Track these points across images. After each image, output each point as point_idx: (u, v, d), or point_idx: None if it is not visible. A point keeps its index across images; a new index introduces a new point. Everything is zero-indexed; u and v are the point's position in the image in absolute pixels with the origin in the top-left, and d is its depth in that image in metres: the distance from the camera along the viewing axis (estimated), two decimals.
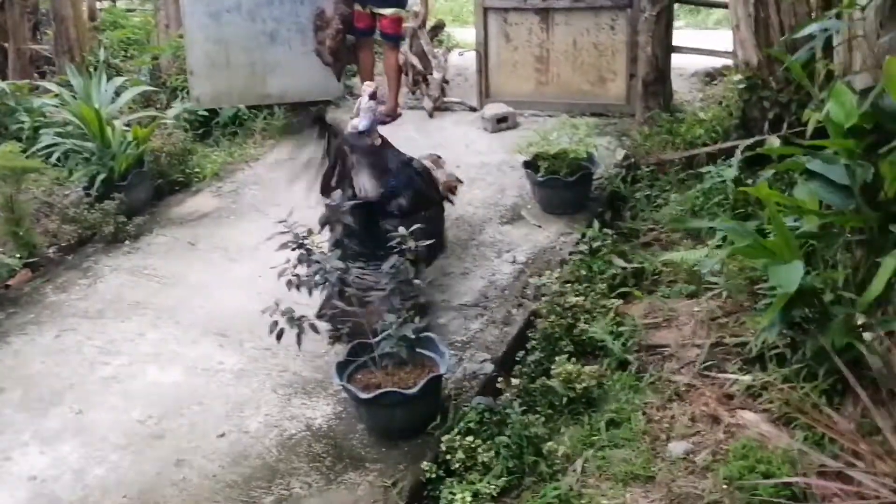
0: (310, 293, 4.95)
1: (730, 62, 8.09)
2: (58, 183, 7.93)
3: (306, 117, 6.28)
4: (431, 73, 9.73)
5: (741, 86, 7.18)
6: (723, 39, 8.88)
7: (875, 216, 4.14)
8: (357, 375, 4.84)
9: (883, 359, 3.89)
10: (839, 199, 4.21)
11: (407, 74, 9.81)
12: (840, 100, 4.19)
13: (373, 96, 5.86)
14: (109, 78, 9.24)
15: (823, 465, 3.69)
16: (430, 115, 9.69)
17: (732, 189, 6.34)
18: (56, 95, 9.05)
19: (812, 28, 4.83)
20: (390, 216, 5.58)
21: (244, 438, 4.85)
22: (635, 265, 6.07)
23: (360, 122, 5.79)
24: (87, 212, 7.45)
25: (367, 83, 5.98)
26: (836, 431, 3.61)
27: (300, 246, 4.85)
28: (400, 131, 9.27)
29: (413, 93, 10.08)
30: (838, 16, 4.69)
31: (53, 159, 8.18)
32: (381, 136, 5.96)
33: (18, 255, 6.91)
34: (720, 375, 4.77)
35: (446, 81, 9.97)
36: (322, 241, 5.33)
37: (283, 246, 4.86)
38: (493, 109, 9.19)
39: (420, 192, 5.85)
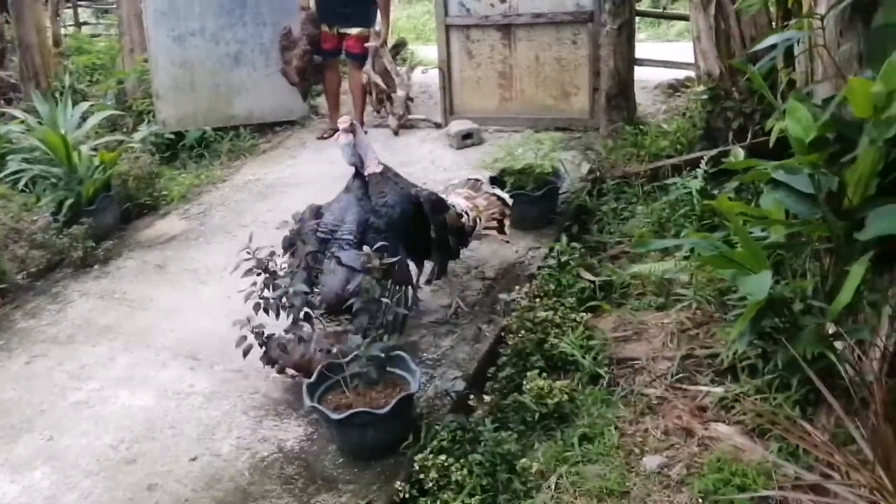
0: (277, 316, 4.93)
1: (692, 74, 8.11)
2: (25, 209, 7.80)
3: None
4: (395, 92, 9.69)
5: (704, 97, 7.19)
6: (685, 51, 8.89)
7: (841, 225, 4.10)
8: (328, 396, 4.78)
9: (854, 367, 3.84)
10: (805, 209, 4.18)
11: (371, 93, 9.76)
12: (796, 115, 4.17)
13: (351, 129, 5.58)
14: (75, 103, 9.22)
15: (799, 477, 3.63)
16: (396, 133, 9.66)
17: (698, 200, 6.32)
18: (22, 122, 9.00)
19: (773, 39, 4.79)
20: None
21: (216, 462, 4.77)
22: (604, 278, 6.02)
23: (346, 159, 5.62)
24: (55, 237, 7.37)
25: (341, 119, 5.71)
26: (811, 443, 3.54)
27: (265, 270, 4.79)
28: None
29: (378, 111, 10.04)
30: (799, 26, 4.66)
31: (21, 185, 8.09)
32: (382, 166, 5.73)
33: None
34: (692, 388, 4.71)
35: (410, 99, 9.95)
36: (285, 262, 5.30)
37: (248, 273, 4.80)
38: (458, 126, 9.16)
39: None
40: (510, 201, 6.41)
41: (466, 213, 6.06)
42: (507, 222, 6.32)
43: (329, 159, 9.01)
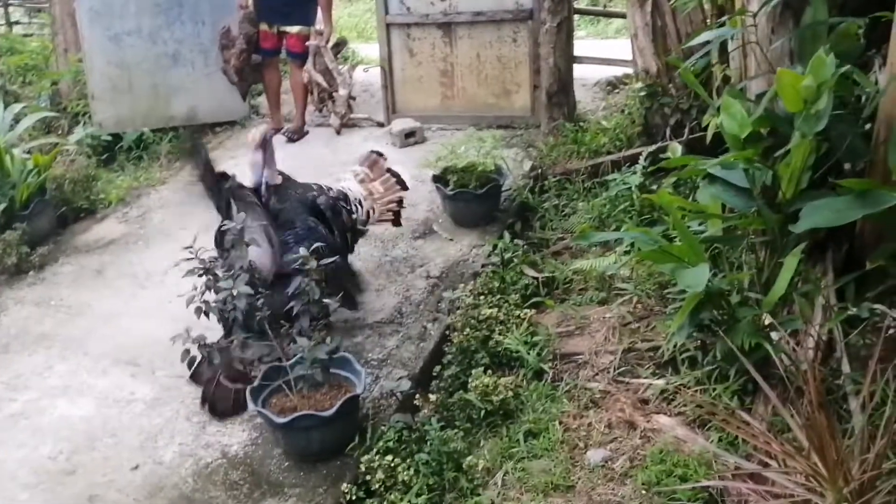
0: (219, 320, 4.94)
1: (630, 71, 8.22)
2: None
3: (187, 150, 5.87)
4: (337, 90, 9.69)
5: (642, 93, 7.30)
6: (623, 48, 8.99)
7: (775, 218, 4.23)
8: (272, 399, 4.80)
9: (790, 357, 3.97)
10: (741, 202, 4.30)
11: (312, 92, 9.77)
12: (730, 111, 4.29)
13: (262, 145, 5.51)
14: (7, 105, 9.05)
15: (738, 466, 3.74)
16: (338, 132, 9.65)
17: (638, 196, 6.43)
18: None
19: (707, 35, 4.93)
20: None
21: (159, 470, 4.78)
22: (546, 274, 6.11)
23: (252, 178, 5.56)
24: None
25: (253, 131, 5.59)
26: (749, 432, 3.65)
27: (206, 272, 4.80)
28: (308, 149, 9.30)
29: (319, 110, 10.03)
30: (732, 23, 4.79)
31: None
32: (280, 174, 5.72)
33: None
34: (634, 381, 4.81)
35: (352, 98, 9.94)
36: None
37: (190, 272, 4.80)
38: (401, 125, 9.20)
39: (323, 243, 5.32)
40: (409, 183, 6.47)
41: (360, 203, 6.05)
42: (402, 211, 6.36)
43: None
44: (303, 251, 4.86)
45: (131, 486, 4.67)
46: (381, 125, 9.73)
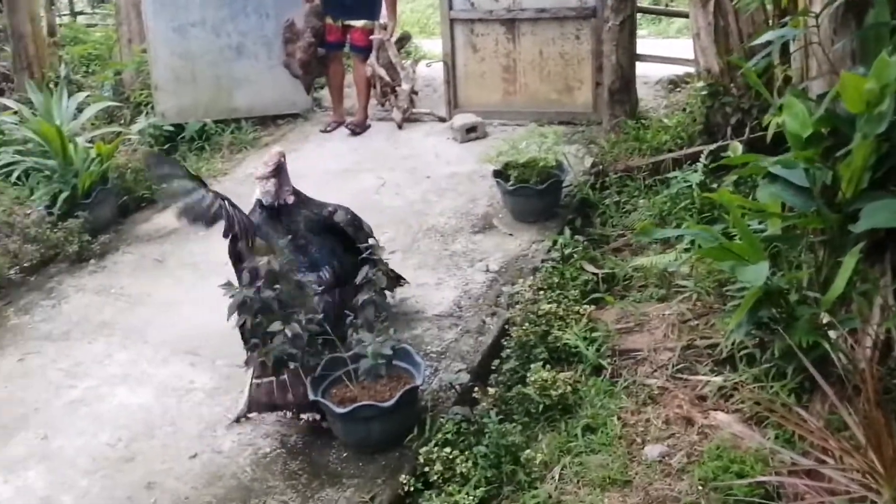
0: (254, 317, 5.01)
1: (692, 70, 8.23)
2: (18, 202, 7.84)
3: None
4: (400, 85, 9.80)
5: (703, 93, 7.30)
6: (685, 48, 9.05)
7: (835, 217, 4.26)
8: (332, 390, 4.89)
9: (847, 356, 4.02)
10: (800, 202, 4.33)
11: (375, 86, 9.90)
12: (792, 111, 4.32)
13: (276, 172, 5.45)
14: (71, 94, 9.23)
15: (795, 462, 3.78)
16: (400, 127, 9.77)
17: (698, 193, 6.46)
18: (15, 112, 9.01)
19: (769, 35, 4.96)
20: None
21: (217, 458, 4.88)
22: (606, 271, 6.17)
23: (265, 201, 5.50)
24: (49, 231, 7.42)
25: (266, 159, 5.54)
26: (806, 429, 3.70)
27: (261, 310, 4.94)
28: (369, 143, 9.41)
29: (382, 104, 10.15)
30: (794, 24, 4.82)
31: (13, 178, 8.16)
32: (295, 193, 5.60)
33: None
34: (692, 377, 4.86)
35: (415, 92, 10.03)
36: None
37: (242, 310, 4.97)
38: (462, 120, 9.29)
39: (344, 263, 5.49)
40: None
41: None
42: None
43: (332, 153, 9.19)
44: (372, 241, 4.93)
45: (189, 474, 4.78)
46: (442, 120, 9.82)
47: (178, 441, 5.06)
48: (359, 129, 9.72)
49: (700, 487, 4.06)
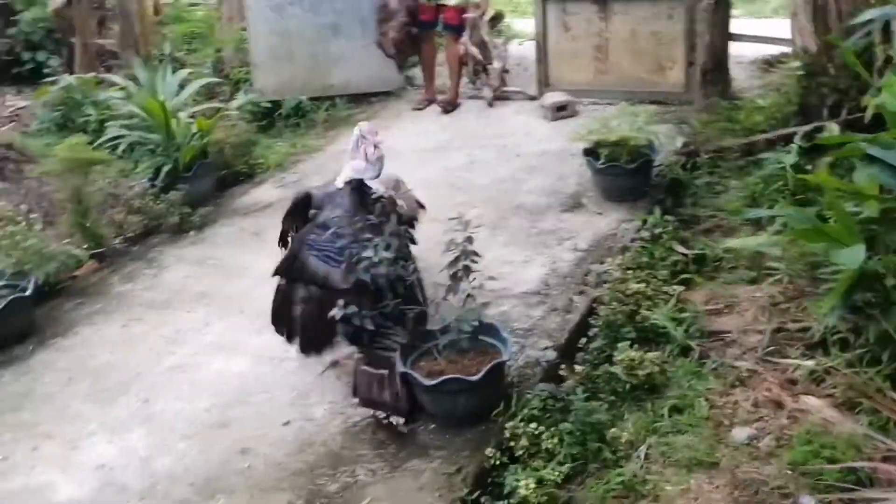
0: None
1: (788, 49, 8.05)
2: (123, 175, 7.94)
3: None
4: (491, 63, 9.77)
5: (800, 73, 7.15)
6: (780, 27, 8.81)
7: None
8: (420, 362, 4.86)
9: None
10: None
11: (467, 64, 9.85)
12: (893, 91, 4.17)
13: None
14: (174, 71, 9.33)
15: (890, 449, 3.68)
16: (490, 105, 9.74)
17: (792, 175, 6.29)
18: (122, 88, 9.11)
19: (869, 14, 4.80)
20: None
21: (309, 426, 4.90)
22: (696, 252, 6.06)
23: (365, 171, 5.33)
24: (152, 203, 7.52)
25: (367, 126, 5.43)
26: None
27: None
28: (460, 121, 9.41)
29: (473, 83, 10.12)
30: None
31: (119, 151, 8.23)
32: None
33: (85, 246, 6.97)
34: (782, 361, 4.75)
35: (506, 71, 10.00)
36: None
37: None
38: (553, 98, 9.21)
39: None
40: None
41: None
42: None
43: (423, 131, 9.20)
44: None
45: (282, 440, 4.80)
46: (532, 98, 9.75)
47: (272, 408, 5.09)
48: (450, 107, 9.73)
49: (789, 471, 3.96)
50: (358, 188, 5.31)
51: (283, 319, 5.29)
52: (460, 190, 7.56)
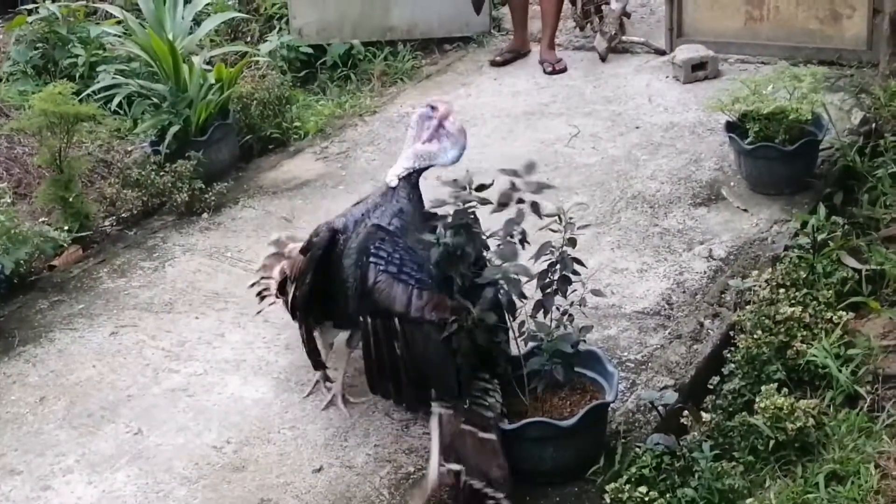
0: None
1: None
2: (118, 136, 8.06)
3: None
4: (608, 3, 9.72)
5: None
6: None
7: None
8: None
9: None
10: None
11: (574, 4, 9.82)
12: None
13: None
14: (187, 2, 9.26)
15: None
16: (603, 59, 9.69)
17: None
18: (119, 22, 9.09)
19: None
20: None
21: (347, 475, 4.93)
22: (873, 267, 5.99)
23: (439, 155, 5.18)
24: (154, 174, 7.54)
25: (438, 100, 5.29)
26: None
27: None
28: (562, 79, 9.40)
29: (581, 28, 10.09)
30: None
31: (114, 105, 8.37)
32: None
33: (67, 228, 6.99)
34: None
35: (626, 15, 9.96)
36: None
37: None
38: (687, 53, 9.15)
39: None
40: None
41: None
42: None
43: (511, 90, 9.21)
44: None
45: (311, 492, 4.84)
46: (660, 53, 9.71)
47: (300, 449, 5.14)
48: (550, 65, 9.60)
49: None
50: (417, 184, 5.22)
51: (384, 372, 4.98)
52: (558, 171, 7.55)
